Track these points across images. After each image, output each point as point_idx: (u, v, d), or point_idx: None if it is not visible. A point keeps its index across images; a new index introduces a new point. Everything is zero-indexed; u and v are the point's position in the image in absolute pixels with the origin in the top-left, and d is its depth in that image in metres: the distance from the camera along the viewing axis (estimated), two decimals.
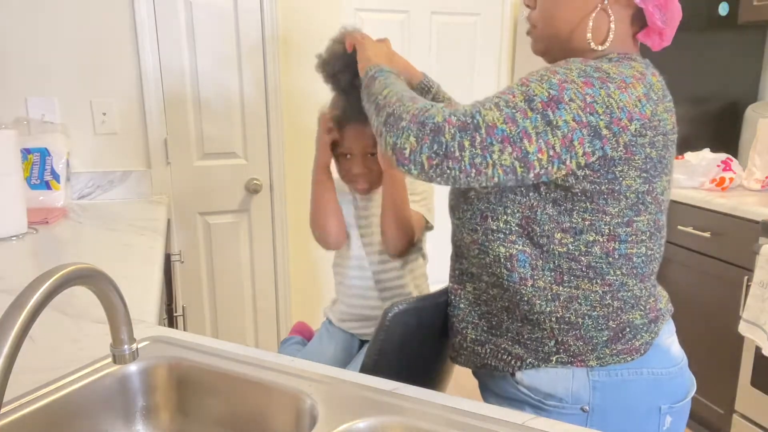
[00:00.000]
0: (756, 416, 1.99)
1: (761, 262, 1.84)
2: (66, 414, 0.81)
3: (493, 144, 0.79)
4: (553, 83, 0.81)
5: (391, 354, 1.07)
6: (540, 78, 0.82)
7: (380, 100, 0.92)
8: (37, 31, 1.97)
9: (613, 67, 0.84)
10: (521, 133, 0.79)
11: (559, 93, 0.80)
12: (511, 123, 0.79)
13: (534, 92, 0.80)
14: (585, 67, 0.83)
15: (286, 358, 0.90)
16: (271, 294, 2.54)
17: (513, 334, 0.96)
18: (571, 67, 0.83)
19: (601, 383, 0.91)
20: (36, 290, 0.55)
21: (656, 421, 0.94)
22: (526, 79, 0.84)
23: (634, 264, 0.90)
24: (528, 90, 0.81)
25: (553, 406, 0.93)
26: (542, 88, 0.80)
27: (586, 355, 0.91)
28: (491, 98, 0.83)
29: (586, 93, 0.80)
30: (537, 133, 0.79)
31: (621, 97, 0.81)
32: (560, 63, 0.86)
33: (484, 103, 0.83)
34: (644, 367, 0.92)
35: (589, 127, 0.80)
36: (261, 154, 2.39)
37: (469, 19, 2.79)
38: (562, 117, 0.79)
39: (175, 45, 2.17)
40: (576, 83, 0.81)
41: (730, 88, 2.58)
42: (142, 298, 1.16)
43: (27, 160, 1.92)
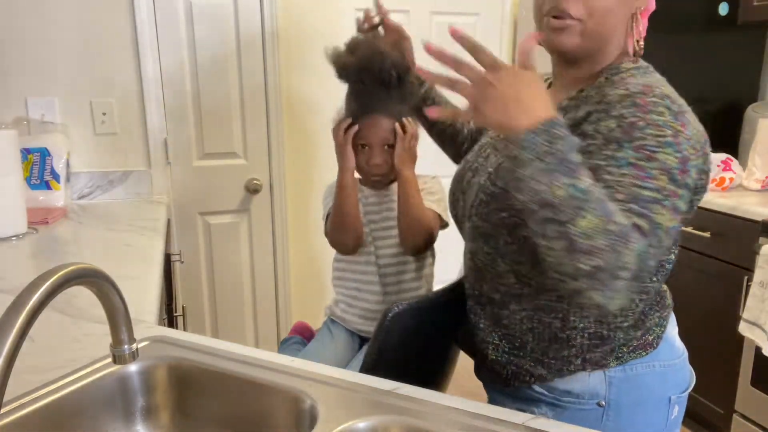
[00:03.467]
0: (756, 416, 1.99)
1: (761, 262, 1.84)
2: (66, 414, 0.81)
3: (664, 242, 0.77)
4: (670, 142, 0.79)
5: (391, 354, 1.07)
6: (658, 143, 0.79)
7: (577, 235, 0.71)
8: (37, 31, 1.97)
9: (666, 87, 0.86)
10: (681, 218, 0.79)
11: (682, 153, 0.79)
12: (676, 212, 0.78)
13: (669, 165, 0.78)
14: (663, 101, 0.82)
15: (286, 358, 0.90)
16: (271, 294, 2.54)
17: (537, 354, 0.96)
18: (661, 108, 0.81)
19: (617, 378, 0.93)
20: (36, 290, 0.55)
21: (666, 411, 0.97)
22: (644, 148, 0.79)
23: (666, 270, 0.95)
24: (663, 165, 0.78)
25: (569, 402, 0.95)
26: (670, 156, 0.78)
27: (606, 360, 0.93)
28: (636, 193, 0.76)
29: (689, 137, 0.81)
30: (685, 201, 0.80)
31: (694, 124, 0.83)
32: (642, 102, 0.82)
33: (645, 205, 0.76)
34: (656, 360, 0.95)
35: (696, 167, 0.82)
36: (261, 154, 2.38)
37: (469, 19, 2.79)
38: (691, 174, 0.80)
39: (175, 45, 2.17)
40: (679, 129, 0.80)
41: (730, 88, 2.58)
42: (142, 298, 1.16)
43: (27, 160, 1.91)
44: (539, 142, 0.73)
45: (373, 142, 1.32)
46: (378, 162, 1.33)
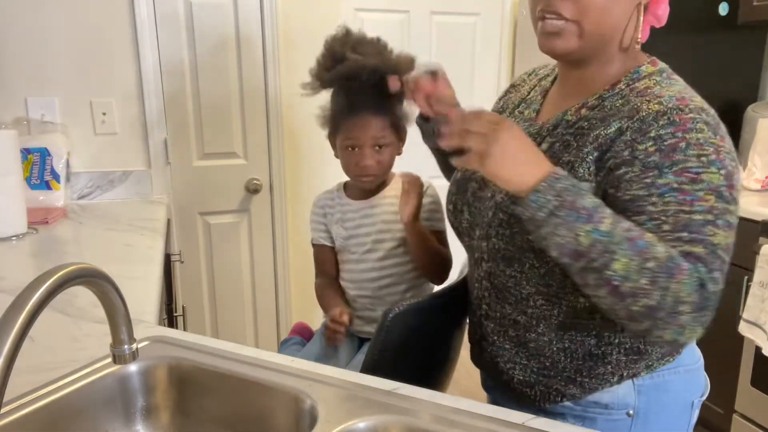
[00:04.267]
0: (756, 416, 1.99)
1: (761, 262, 1.84)
2: (66, 414, 0.81)
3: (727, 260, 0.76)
4: (713, 161, 0.76)
5: (392, 354, 1.07)
6: (700, 162, 0.75)
7: (616, 279, 0.71)
8: (37, 31, 1.97)
9: (696, 96, 0.82)
10: (735, 229, 0.76)
11: (726, 169, 0.77)
12: (730, 228, 0.76)
13: (715, 184, 0.75)
14: (700, 116, 0.78)
15: (286, 358, 0.90)
16: (271, 294, 2.54)
17: (569, 373, 0.92)
18: (700, 127, 0.77)
19: (646, 386, 0.91)
20: (36, 290, 0.55)
21: (688, 415, 0.96)
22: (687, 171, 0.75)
23: None
24: (709, 185, 0.75)
25: (597, 413, 0.92)
26: (714, 174, 0.75)
27: (638, 369, 0.91)
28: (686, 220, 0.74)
29: (729, 150, 0.78)
30: (736, 215, 0.77)
31: (726, 135, 0.80)
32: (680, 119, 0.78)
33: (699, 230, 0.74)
34: (680, 366, 0.94)
35: (738, 180, 0.80)
36: (261, 154, 2.38)
37: (469, 19, 2.79)
38: (737, 188, 0.78)
39: (175, 45, 2.17)
40: (720, 146, 0.77)
41: (730, 88, 2.58)
42: (142, 298, 1.16)
43: (27, 160, 1.91)
44: (548, 200, 0.74)
45: (363, 142, 1.26)
46: (368, 163, 1.27)
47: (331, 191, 1.44)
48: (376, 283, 1.35)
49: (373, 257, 1.34)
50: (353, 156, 1.29)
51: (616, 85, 0.88)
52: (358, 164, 1.28)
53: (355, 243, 1.36)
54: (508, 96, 1.13)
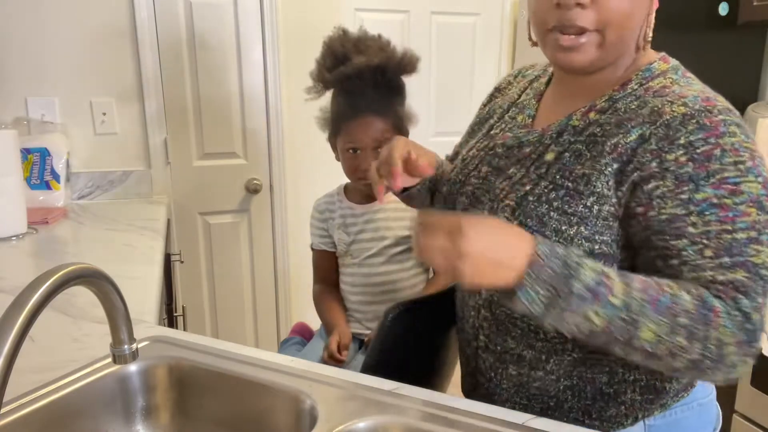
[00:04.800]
0: (756, 416, 1.99)
1: None
2: (66, 414, 0.81)
3: None
4: (750, 168, 0.70)
5: (392, 354, 1.06)
6: (738, 171, 0.69)
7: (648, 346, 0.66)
8: (36, 31, 1.97)
9: (716, 95, 0.76)
10: None
11: (763, 175, 0.70)
12: None
13: (755, 194, 0.69)
14: (729, 117, 0.73)
15: (286, 358, 0.90)
16: (271, 294, 2.54)
17: (576, 414, 0.84)
18: (732, 130, 0.71)
19: (656, 426, 0.84)
20: (36, 290, 0.55)
21: None
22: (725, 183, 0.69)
23: None
24: (749, 196, 0.69)
25: None
26: (753, 183, 0.69)
27: (652, 409, 0.84)
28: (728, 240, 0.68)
29: (759, 155, 0.72)
30: None
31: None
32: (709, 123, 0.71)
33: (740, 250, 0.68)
34: (694, 401, 0.86)
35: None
36: (261, 154, 2.38)
37: (469, 19, 2.79)
38: None
39: (175, 45, 2.17)
40: (753, 149, 0.71)
41: (730, 88, 2.55)
42: (142, 298, 1.16)
43: (27, 160, 1.91)
44: (538, 293, 0.66)
45: (365, 144, 1.24)
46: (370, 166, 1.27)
47: (332, 195, 1.42)
48: (378, 288, 1.35)
49: (376, 262, 1.34)
50: (355, 159, 1.27)
51: (627, 85, 0.80)
52: (360, 168, 1.26)
53: (357, 248, 1.35)
54: (494, 101, 1.04)
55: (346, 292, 1.40)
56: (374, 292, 1.35)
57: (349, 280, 1.39)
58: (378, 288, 1.35)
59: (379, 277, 1.34)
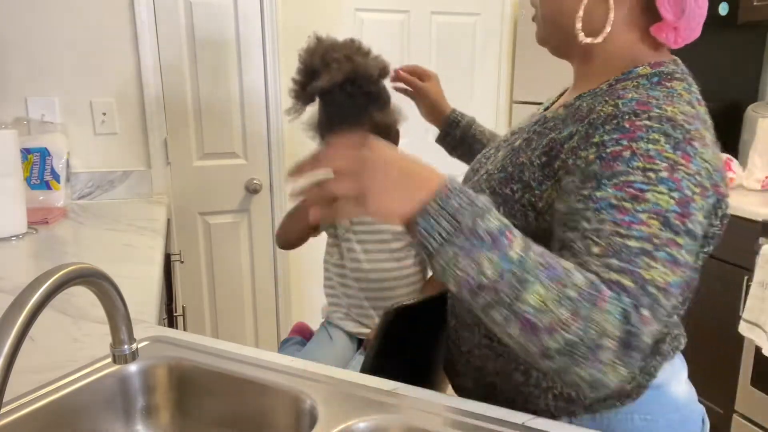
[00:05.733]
0: (756, 416, 1.99)
1: (761, 262, 1.84)
2: (66, 414, 0.81)
3: (670, 300, 0.64)
4: (664, 178, 0.65)
5: (391, 354, 1.07)
6: (647, 179, 0.66)
7: (529, 312, 0.60)
8: (37, 31, 1.97)
9: (676, 110, 0.70)
10: (686, 267, 0.65)
11: (682, 192, 0.65)
12: (676, 265, 0.64)
13: (663, 207, 0.65)
14: (660, 126, 0.68)
15: (286, 358, 0.90)
16: (271, 294, 2.54)
17: (508, 397, 0.85)
18: (654, 137, 0.67)
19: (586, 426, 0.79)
20: (36, 290, 0.55)
21: None
22: (629, 185, 0.66)
23: None
24: (654, 207, 0.65)
25: None
26: (663, 196, 0.65)
27: (573, 408, 0.81)
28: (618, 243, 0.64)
29: (694, 173, 0.67)
30: (691, 252, 0.66)
31: (707, 156, 0.69)
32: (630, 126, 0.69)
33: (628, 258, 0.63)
34: (636, 413, 0.80)
35: (704, 210, 0.68)
36: (261, 154, 2.39)
37: (469, 19, 2.79)
38: (697, 219, 0.67)
39: (175, 45, 2.17)
40: (679, 162, 0.66)
41: (730, 88, 2.58)
42: (142, 298, 1.16)
43: (27, 160, 1.91)
44: (440, 223, 0.61)
45: None
46: None
47: None
48: (376, 284, 1.35)
49: (374, 258, 1.34)
50: None
51: (601, 85, 0.80)
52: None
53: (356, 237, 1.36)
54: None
55: (343, 288, 1.40)
56: (372, 288, 1.35)
57: (346, 277, 1.40)
58: (375, 284, 1.35)
59: (377, 273, 1.35)
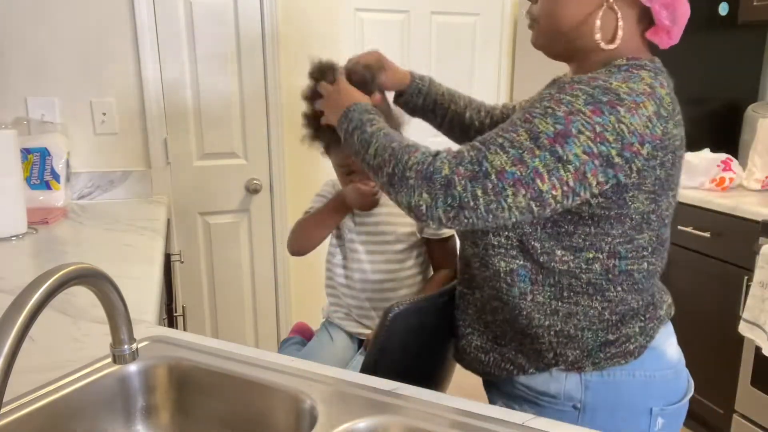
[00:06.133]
0: (756, 416, 1.99)
1: (761, 262, 1.84)
2: (66, 414, 0.81)
3: (505, 188, 0.78)
4: (559, 117, 0.78)
5: (392, 354, 1.07)
6: (544, 112, 0.80)
7: (371, 160, 0.91)
8: (37, 31, 1.97)
9: (623, 85, 0.80)
10: (532, 174, 0.77)
11: (566, 127, 0.77)
12: (520, 164, 0.77)
13: (539, 129, 0.78)
14: (592, 90, 0.80)
15: (286, 358, 0.90)
16: (271, 294, 2.54)
17: (516, 344, 0.96)
18: (576, 94, 0.80)
19: (594, 383, 0.92)
20: (36, 290, 0.55)
21: (647, 421, 0.94)
22: (529, 114, 0.81)
23: (635, 279, 0.90)
24: (532, 127, 0.79)
25: (547, 402, 0.95)
26: (547, 124, 0.78)
27: (582, 362, 0.92)
28: (494, 137, 0.81)
29: (596, 122, 0.77)
30: (548, 171, 0.77)
31: (632, 121, 0.78)
32: (566, 87, 0.82)
33: (488, 145, 0.80)
34: (637, 370, 0.92)
35: (601, 157, 0.78)
36: (261, 154, 2.39)
37: (469, 19, 2.79)
38: (572, 151, 0.77)
39: (175, 45, 2.17)
40: (583, 113, 0.78)
41: (730, 88, 2.58)
42: (142, 298, 1.16)
43: (27, 160, 1.91)
44: (343, 123, 1.00)
45: (355, 169, 1.30)
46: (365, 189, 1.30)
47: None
48: (377, 285, 1.35)
49: (376, 259, 1.34)
50: (348, 178, 1.33)
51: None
52: (356, 188, 1.31)
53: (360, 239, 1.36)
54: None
55: (345, 289, 1.40)
56: (373, 289, 1.35)
57: (347, 278, 1.39)
58: (377, 286, 1.35)
59: (379, 275, 1.35)
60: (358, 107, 1.00)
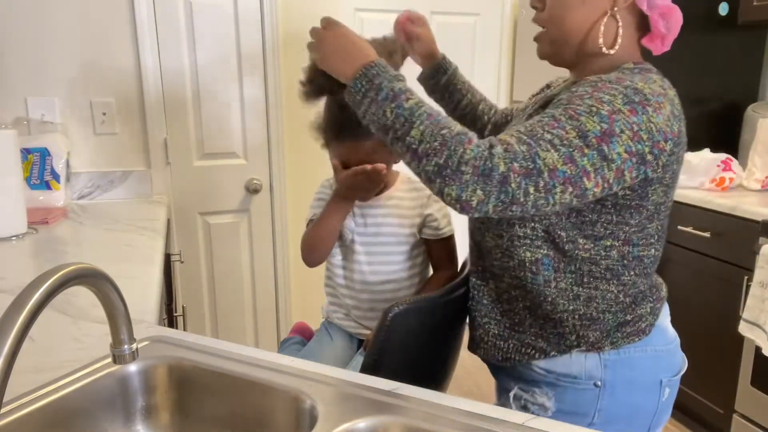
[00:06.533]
0: (756, 416, 1.99)
1: (761, 262, 1.84)
2: (66, 414, 0.81)
3: (555, 186, 0.80)
4: (603, 116, 0.81)
5: (392, 354, 1.07)
6: (589, 110, 0.82)
7: (414, 144, 0.82)
8: (37, 31, 1.97)
9: (645, 86, 0.85)
10: (581, 173, 0.80)
11: (610, 126, 0.81)
12: (571, 163, 0.80)
13: (586, 127, 0.81)
14: (625, 90, 0.84)
15: (286, 358, 0.90)
16: (271, 294, 2.54)
17: (536, 329, 1.00)
18: (614, 93, 0.83)
19: (612, 361, 0.98)
20: (36, 290, 0.55)
21: (657, 392, 1.01)
22: (573, 111, 0.83)
23: (645, 264, 0.97)
24: (580, 125, 0.81)
25: (568, 383, 0.99)
26: (594, 123, 0.81)
27: (602, 342, 0.98)
28: (540, 132, 0.81)
29: (632, 122, 0.82)
30: (595, 169, 0.81)
31: (657, 120, 0.83)
32: (600, 86, 0.85)
33: (537, 140, 0.81)
34: (648, 346, 0.99)
35: (638, 155, 0.83)
36: (261, 154, 2.39)
37: (469, 19, 2.79)
38: (616, 150, 0.81)
39: (175, 45, 2.17)
40: (623, 112, 0.82)
41: (730, 88, 2.58)
42: (142, 298, 1.16)
43: (27, 160, 1.91)
44: (362, 84, 0.87)
45: (352, 163, 1.24)
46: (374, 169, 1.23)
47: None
48: (377, 287, 1.34)
49: (375, 260, 1.34)
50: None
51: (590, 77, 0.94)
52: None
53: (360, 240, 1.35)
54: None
55: (344, 290, 1.40)
56: (373, 290, 1.35)
57: (347, 279, 1.39)
58: (377, 287, 1.34)
59: (378, 276, 1.34)
60: (380, 68, 0.88)
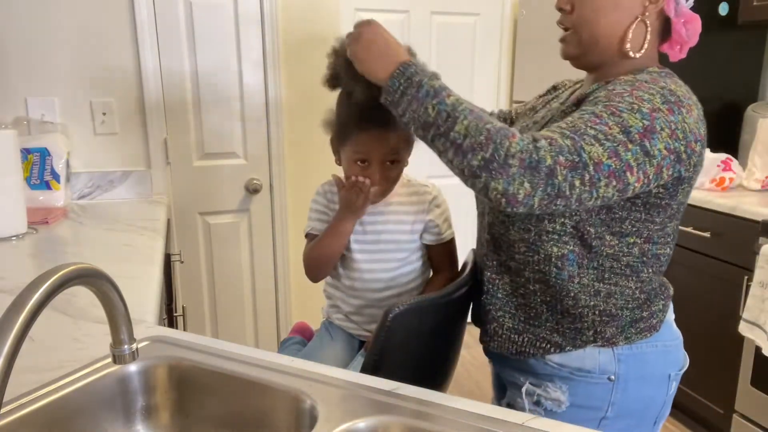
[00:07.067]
0: (756, 416, 1.99)
1: (761, 262, 1.84)
2: (66, 414, 0.81)
3: (600, 179, 0.81)
4: (645, 113, 0.83)
5: (392, 354, 1.06)
6: (630, 108, 0.83)
7: (458, 138, 0.82)
8: (37, 31, 1.97)
9: (677, 88, 0.88)
10: (624, 167, 0.82)
11: (651, 123, 0.82)
12: (615, 157, 0.81)
13: (629, 123, 0.82)
14: (661, 90, 0.86)
15: (286, 358, 0.90)
16: (271, 294, 2.54)
17: (552, 324, 1.01)
18: (653, 92, 0.85)
19: (625, 356, 1.00)
20: (36, 290, 0.55)
21: (666, 385, 1.04)
22: (614, 107, 0.84)
23: (661, 262, 1.00)
24: (622, 121, 0.82)
25: (582, 377, 1.01)
26: (636, 119, 0.82)
27: (617, 338, 1.00)
28: (583, 128, 0.82)
29: (671, 121, 0.84)
30: (638, 164, 0.82)
31: (689, 121, 0.86)
32: (638, 85, 0.87)
33: (581, 135, 0.82)
34: (658, 341, 1.02)
35: (675, 153, 0.85)
36: (261, 154, 2.39)
37: (469, 19, 2.79)
38: (657, 146, 0.83)
39: (175, 45, 2.17)
40: (662, 111, 0.84)
41: (730, 88, 2.58)
42: (142, 298, 1.16)
43: (27, 160, 1.92)
44: (400, 83, 0.88)
45: (374, 158, 1.16)
46: (377, 181, 1.17)
47: (332, 183, 1.32)
48: (377, 293, 1.33)
49: (376, 267, 1.32)
50: (362, 171, 1.18)
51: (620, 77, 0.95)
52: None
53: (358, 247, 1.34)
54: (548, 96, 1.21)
55: (344, 294, 1.40)
56: (373, 297, 1.34)
57: (347, 283, 1.39)
58: (377, 294, 1.34)
59: (378, 283, 1.33)
60: (418, 66, 0.89)
